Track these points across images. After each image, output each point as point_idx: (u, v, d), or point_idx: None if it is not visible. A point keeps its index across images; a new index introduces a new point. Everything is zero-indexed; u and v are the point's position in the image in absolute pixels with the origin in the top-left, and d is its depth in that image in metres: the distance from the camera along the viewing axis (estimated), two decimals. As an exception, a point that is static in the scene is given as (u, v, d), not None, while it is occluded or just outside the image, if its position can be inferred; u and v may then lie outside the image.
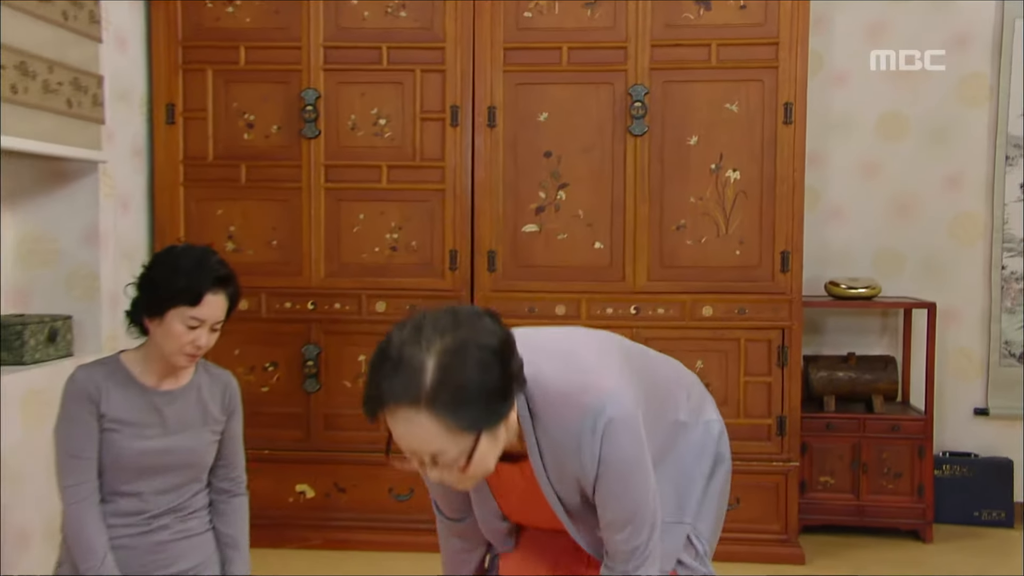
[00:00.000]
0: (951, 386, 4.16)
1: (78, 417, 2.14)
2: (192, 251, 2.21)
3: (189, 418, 2.28)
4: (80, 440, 2.13)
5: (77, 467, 2.13)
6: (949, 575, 3.49)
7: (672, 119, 3.54)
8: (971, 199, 4.12)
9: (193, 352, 2.19)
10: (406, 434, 1.42)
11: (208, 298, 2.15)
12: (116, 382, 2.19)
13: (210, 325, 2.19)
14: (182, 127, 3.68)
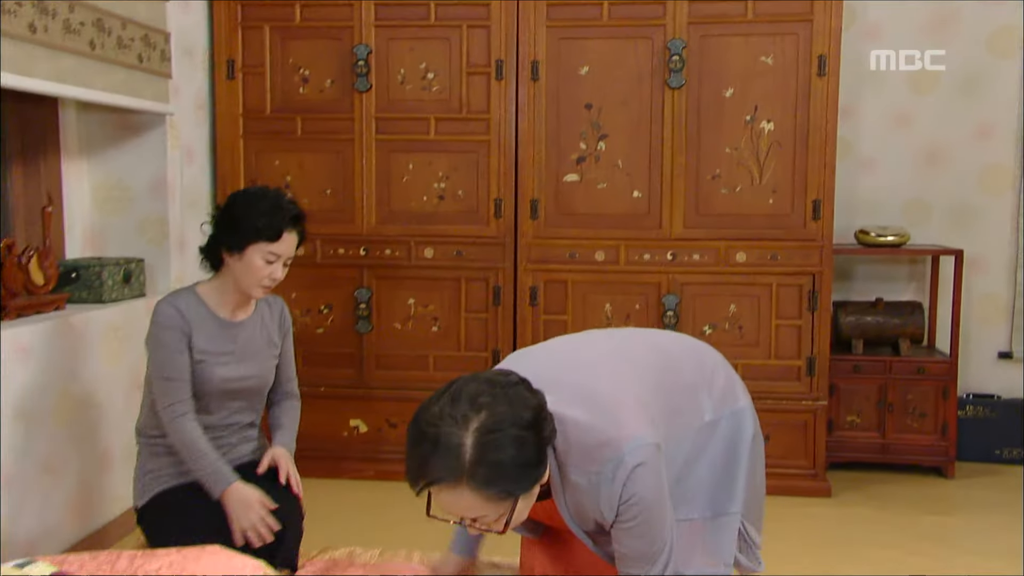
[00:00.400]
0: (976, 330, 4.24)
1: (173, 345, 2.32)
2: (268, 192, 2.39)
3: (257, 345, 2.49)
4: (177, 365, 2.32)
5: (175, 388, 2.32)
6: (969, 508, 3.61)
7: (709, 72, 3.63)
8: (1000, 150, 4.17)
9: (269, 284, 2.38)
10: (448, 504, 1.50)
11: (285, 235, 2.34)
12: (199, 315, 2.38)
13: (284, 260, 2.38)
14: (241, 82, 3.83)
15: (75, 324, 2.94)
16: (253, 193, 2.41)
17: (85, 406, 2.99)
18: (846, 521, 3.46)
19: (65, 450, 2.89)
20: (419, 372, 3.87)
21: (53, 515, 2.83)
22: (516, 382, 1.53)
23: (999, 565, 3.05)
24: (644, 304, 3.75)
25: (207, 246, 2.44)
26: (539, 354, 1.88)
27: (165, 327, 2.33)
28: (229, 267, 2.39)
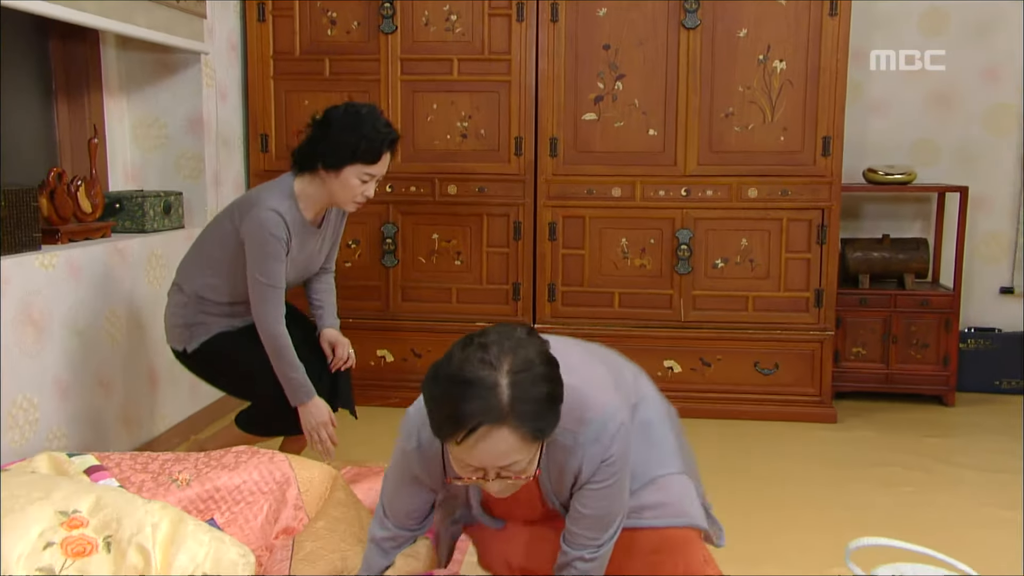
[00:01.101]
0: (979, 266, 4.31)
1: (279, 256, 2.48)
2: (367, 115, 2.49)
3: (322, 246, 2.71)
4: (280, 276, 2.50)
5: (276, 296, 2.50)
6: (968, 432, 3.71)
7: (723, 12, 3.67)
8: (1007, 91, 4.20)
9: (362, 201, 2.54)
10: (486, 449, 1.45)
11: (384, 157, 2.46)
12: (295, 223, 2.53)
13: (377, 179, 2.53)
14: (272, 24, 3.89)
15: (121, 249, 3.05)
16: (353, 114, 2.49)
17: (132, 326, 3.11)
18: (850, 443, 3.57)
19: (116, 366, 3.01)
20: (442, 304, 3.97)
21: (106, 427, 2.96)
22: (528, 331, 1.55)
23: (997, 479, 3.15)
24: (659, 239, 3.83)
25: (305, 151, 2.53)
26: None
27: (275, 237, 2.47)
28: (324, 180, 2.52)
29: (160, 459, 2.41)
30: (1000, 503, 2.92)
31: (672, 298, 3.85)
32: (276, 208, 2.46)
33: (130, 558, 1.80)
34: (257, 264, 2.47)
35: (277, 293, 2.50)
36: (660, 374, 3.86)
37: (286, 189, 2.53)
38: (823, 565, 2.37)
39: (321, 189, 2.53)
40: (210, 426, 3.63)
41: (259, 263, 2.47)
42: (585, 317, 3.90)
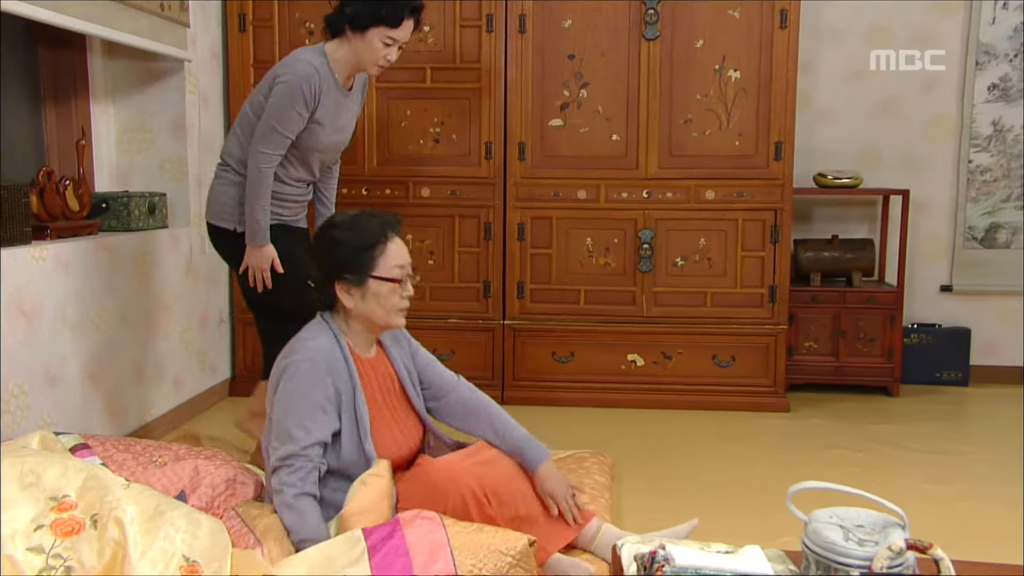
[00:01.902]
0: (920, 265, 4.46)
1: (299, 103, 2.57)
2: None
3: (352, 115, 2.80)
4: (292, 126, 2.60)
5: (279, 143, 2.60)
6: (911, 419, 3.84)
7: (681, 25, 3.79)
8: (944, 101, 4.36)
9: (384, 64, 2.63)
10: (400, 250, 2.14)
11: (405, 22, 2.57)
12: (326, 79, 2.63)
13: (399, 44, 2.61)
14: (252, 34, 3.95)
15: (108, 245, 3.09)
16: None
17: (118, 320, 3.14)
18: (801, 431, 3.68)
19: (102, 359, 3.04)
20: (416, 302, 3.91)
21: (92, 417, 2.99)
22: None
23: (936, 459, 3.28)
24: (622, 238, 3.93)
25: (334, 16, 2.64)
26: None
27: (304, 86, 2.56)
28: (351, 42, 2.62)
29: (143, 443, 2.46)
30: (937, 480, 3.05)
31: (635, 295, 3.95)
32: (310, 60, 2.59)
33: (110, 531, 1.85)
34: (275, 108, 2.57)
35: (282, 142, 2.60)
36: (624, 367, 3.96)
37: (319, 49, 2.66)
38: (773, 536, 2.47)
39: (349, 52, 2.64)
40: (195, 418, 3.67)
41: (278, 108, 2.57)
42: (552, 313, 3.99)
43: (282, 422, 2.04)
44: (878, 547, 1.37)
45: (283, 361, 2.11)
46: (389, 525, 1.87)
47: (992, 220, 4.35)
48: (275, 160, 2.61)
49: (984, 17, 4.22)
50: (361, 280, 2.12)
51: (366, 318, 2.16)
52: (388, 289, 2.13)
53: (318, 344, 2.10)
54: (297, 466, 2.00)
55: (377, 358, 2.26)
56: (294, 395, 2.05)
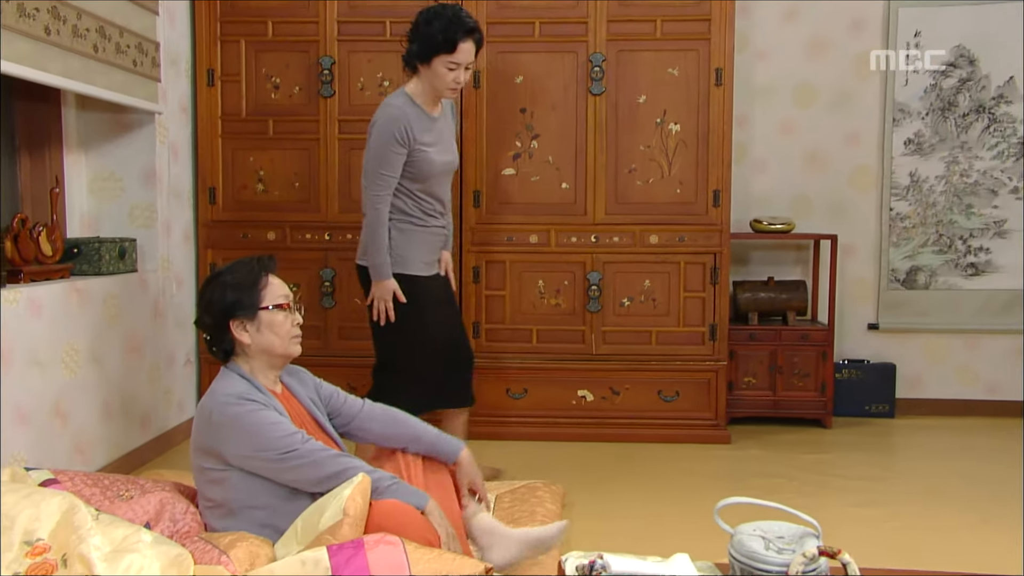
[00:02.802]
0: (849, 305, 4.66)
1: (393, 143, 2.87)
2: (445, 10, 2.83)
3: (451, 132, 3.07)
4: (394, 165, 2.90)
5: (386, 183, 2.88)
6: (842, 449, 3.99)
7: (625, 81, 3.98)
8: (866, 154, 4.59)
9: (455, 87, 2.86)
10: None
11: (460, 46, 2.78)
12: (415, 114, 2.91)
13: (464, 66, 2.83)
14: (220, 89, 4.05)
15: (79, 289, 3.14)
16: (433, 12, 2.85)
17: (88, 361, 3.18)
18: (741, 461, 3.81)
19: (71, 398, 3.08)
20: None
21: (60, 455, 3.01)
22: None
23: (864, 485, 3.43)
24: (572, 280, 4.07)
25: (406, 55, 2.92)
26: None
27: (393, 126, 2.84)
28: (423, 73, 2.88)
29: (111, 478, 2.50)
30: (864, 504, 3.20)
31: (584, 333, 4.08)
32: (394, 103, 2.88)
33: (76, 568, 1.88)
34: (374, 152, 2.87)
35: (389, 181, 2.87)
36: (574, 402, 4.07)
37: (401, 91, 2.94)
38: (708, 550, 2.57)
39: (424, 83, 2.90)
40: (162, 455, 3.69)
41: (377, 152, 2.87)
42: (507, 352, 4.10)
43: (264, 440, 2.10)
44: (795, 554, 1.49)
45: (212, 413, 2.15)
46: (352, 547, 1.94)
47: (912, 263, 4.57)
48: (385, 199, 2.90)
49: (899, 80, 4.48)
50: (253, 314, 2.21)
51: (265, 351, 2.23)
52: (281, 317, 2.24)
53: (233, 389, 2.16)
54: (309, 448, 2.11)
55: (284, 394, 2.34)
56: (251, 421, 2.11)
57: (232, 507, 2.18)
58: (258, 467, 2.13)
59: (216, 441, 2.14)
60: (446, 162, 3.05)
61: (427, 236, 3.07)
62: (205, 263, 4.09)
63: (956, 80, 4.46)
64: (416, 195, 3.01)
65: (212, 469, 2.17)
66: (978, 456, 3.89)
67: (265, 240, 4.08)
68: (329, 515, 2.03)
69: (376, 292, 3.01)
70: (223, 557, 2.00)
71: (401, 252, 3.02)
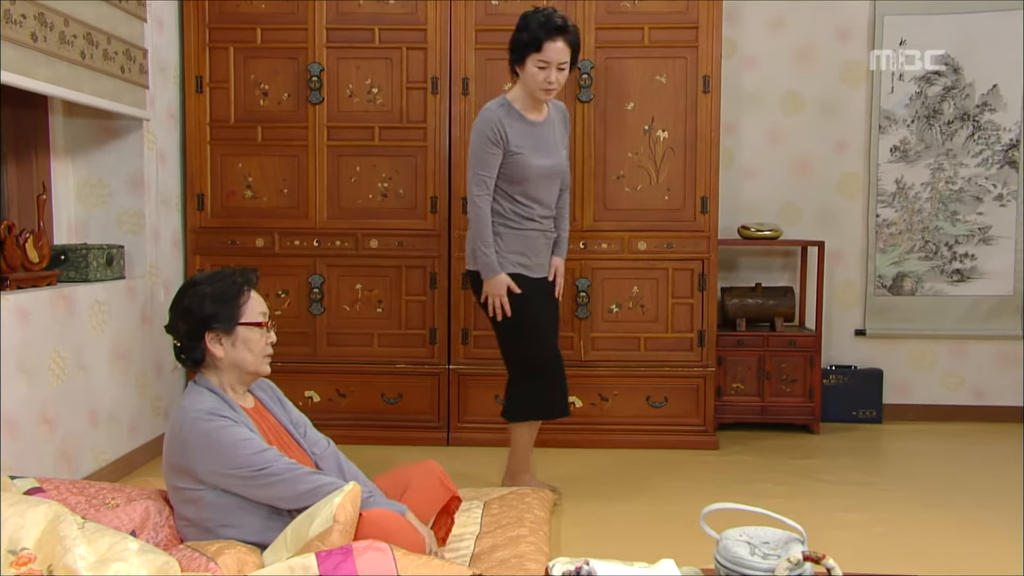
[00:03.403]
0: (837, 311, 4.68)
1: (489, 148, 2.94)
2: (537, 11, 2.89)
3: (555, 139, 3.06)
4: (489, 164, 2.96)
5: (485, 182, 2.97)
6: (829, 454, 4.01)
7: (613, 88, 3.99)
8: (853, 161, 4.63)
9: (546, 87, 2.88)
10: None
11: (546, 44, 2.81)
12: (510, 116, 2.96)
13: (555, 65, 2.85)
14: (209, 95, 4.05)
15: (66, 296, 3.13)
16: (526, 14, 2.93)
17: (74, 368, 3.17)
18: (729, 466, 3.82)
19: (58, 406, 3.06)
20: (365, 348, 4.11)
21: (46, 463, 3.00)
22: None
23: (850, 490, 3.45)
24: (560, 287, 4.07)
25: (510, 60, 2.97)
26: None
27: (487, 129, 2.90)
28: (520, 77, 2.94)
29: (96, 486, 2.48)
30: (851, 508, 3.21)
31: (573, 340, 4.08)
32: (490, 107, 3.00)
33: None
34: (473, 154, 2.95)
35: (487, 181, 2.97)
36: (563, 408, 4.07)
37: (501, 97, 3.00)
38: (695, 556, 2.58)
39: (522, 86, 2.93)
40: (149, 462, 3.68)
41: (475, 154, 2.95)
42: (495, 359, 4.04)
43: (235, 458, 2.09)
44: (780, 560, 1.50)
45: (182, 430, 2.12)
46: (341, 553, 1.93)
47: (898, 269, 4.60)
48: (485, 198, 2.96)
49: (884, 87, 4.52)
50: (230, 328, 2.19)
51: (236, 366, 2.22)
52: (257, 334, 2.22)
53: (203, 405, 2.14)
54: (282, 466, 2.09)
55: (256, 408, 2.32)
56: (221, 438, 2.08)
57: (208, 526, 2.16)
58: (231, 484, 2.11)
59: (187, 459, 2.11)
60: (544, 166, 3.05)
61: (520, 237, 3.09)
62: (193, 269, 4.08)
63: (941, 88, 4.49)
64: (513, 197, 3.05)
65: (186, 488, 2.15)
66: (965, 461, 3.91)
67: (254, 247, 4.08)
68: (319, 522, 2.02)
69: (488, 289, 3.06)
70: (211, 564, 2.00)
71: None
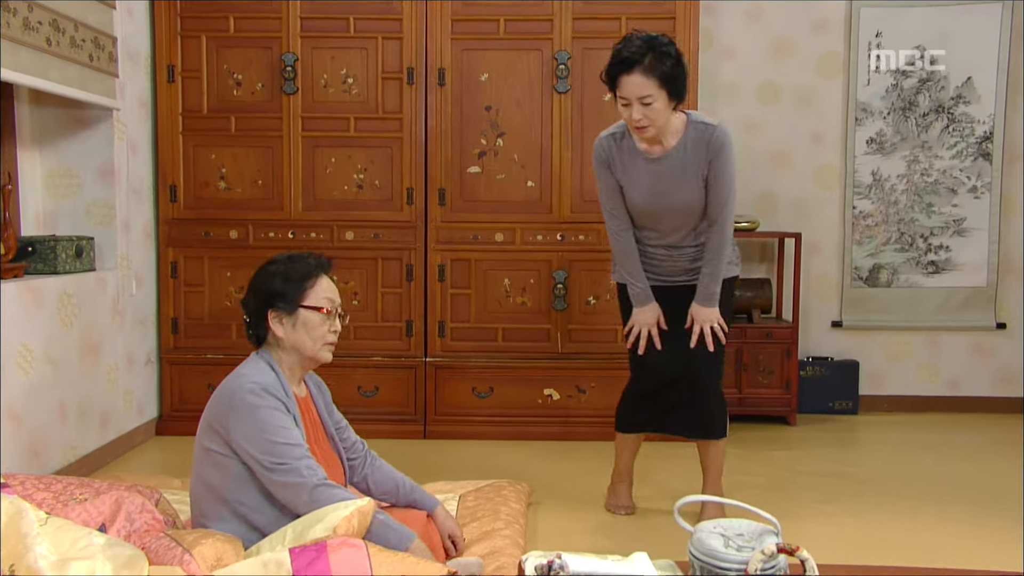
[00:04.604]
0: (813, 303, 4.69)
1: (601, 174, 2.84)
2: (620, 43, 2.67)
3: (675, 176, 2.74)
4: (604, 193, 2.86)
5: (608, 215, 2.86)
6: (806, 445, 4.02)
7: (590, 79, 3.95)
8: (829, 153, 4.63)
9: (636, 126, 2.65)
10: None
11: (622, 80, 2.61)
12: (620, 146, 2.80)
13: (638, 100, 2.60)
14: (181, 85, 3.98)
15: (34, 288, 3.06)
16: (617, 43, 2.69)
17: (42, 362, 3.10)
18: (707, 457, 3.81)
19: (25, 400, 3.00)
20: (341, 340, 3.90)
21: (13, 458, 2.93)
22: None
23: (826, 481, 3.45)
24: (537, 279, 4.05)
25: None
26: None
27: (596, 160, 2.82)
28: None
29: (64, 481, 2.43)
30: (826, 500, 3.21)
31: (550, 332, 4.06)
32: (601, 136, 2.85)
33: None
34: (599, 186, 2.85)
35: (607, 209, 2.85)
36: (540, 401, 4.05)
37: (619, 123, 2.84)
38: (670, 548, 2.56)
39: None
40: (121, 457, 3.62)
41: (598, 183, 2.85)
42: (472, 351, 4.07)
43: (266, 443, 2.06)
44: (754, 552, 1.48)
45: (234, 395, 2.10)
46: (315, 549, 1.90)
47: (875, 261, 4.61)
48: (613, 228, 2.86)
49: (860, 79, 4.52)
50: (292, 309, 2.17)
51: (296, 349, 2.20)
52: (318, 319, 2.19)
53: (262, 378, 2.13)
54: (304, 469, 2.06)
55: (306, 398, 2.30)
56: (264, 418, 2.06)
57: (225, 496, 2.13)
58: (252, 465, 2.09)
59: (226, 423, 2.09)
60: (655, 205, 2.77)
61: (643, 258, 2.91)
62: (166, 261, 4.01)
63: (916, 80, 4.50)
64: (633, 222, 2.88)
65: (216, 451, 2.12)
66: (939, 452, 3.93)
67: (228, 239, 4.02)
68: (320, 528, 1.98)
69: (636, 318, 2.91)
70: (186, 556, 1.95)
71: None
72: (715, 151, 2.69)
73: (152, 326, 4.01)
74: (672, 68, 2.57)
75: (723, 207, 2.75)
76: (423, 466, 3.49)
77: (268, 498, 2.12)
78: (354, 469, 2.40)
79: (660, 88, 2.57)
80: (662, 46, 2.58)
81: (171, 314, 4.04)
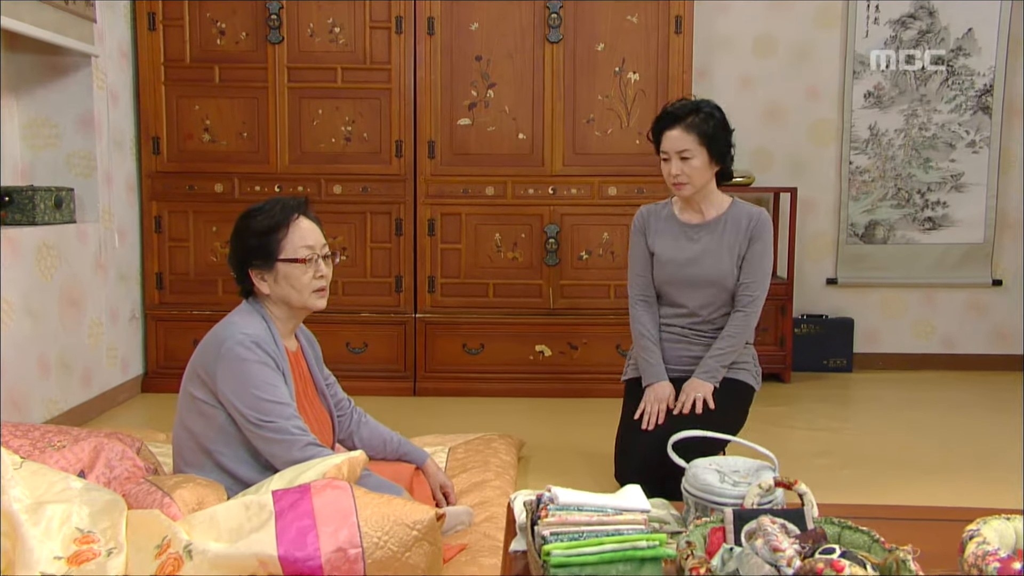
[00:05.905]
0: (809, 260, 4.64)
1: (635, 248, 2.74)
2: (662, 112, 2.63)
3: (707, 249, 2.62)
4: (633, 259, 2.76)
5: (631, 281, 2.76)
6: (800, 402, 3.98)
7: (583, 29, 3.87)
8: (826, 107, 4.56)
9: (674, 183, 2.58)
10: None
11: (665, 135, 2.58)
12: (663, 215, 2.73)
13: (676, 154, 2.55)
14: (162, 33, 3.87)
15: (11, 238, 2.98)
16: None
17: (22, 314, 3.03)
18: (700, 413, 3.77)
19: (5, 352, 2.93)
20: (330, 296, 3.98)
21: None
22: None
23: (818, 435, 3.42)
24: (529, 233, 3.98)
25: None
26: None
27: (635, 223, 2.75)
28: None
29: (42, 428, 2.37)
30: (818, 453, 3.19)
31: (542, 288, 4.00)
32: (643, 206, 2.79)
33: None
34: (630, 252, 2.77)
35: (634, 278, 2.74)
36: (532, 357, 4.00)
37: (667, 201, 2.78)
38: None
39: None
40: (105, 413, 3.56)
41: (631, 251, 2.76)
42: (463, 307, 4.01)
43: (252, 398, 2.00)
44: (751, 487, 1.43)
45: (223, 344, 2.04)
46: (299, 491, 1.85)
47: (871, 217, 4.55)
48: (635, 298, 2.74)
49: (859, 31, 4.43)
50: (269, 265, 2.09)
51: (284, 301, 2.13)
52: (299, 270, 2.10)
53: (253, 330, 2.06)
54: (290, 426, 2.01)
55: (296, 352, 2.23)
56: (252, 372, 2.01)
57: (208, 447, 2.08)
58: (237, 419, 2.04)
59: (213, 373, 2.03)
60: (682, 275, 2.64)
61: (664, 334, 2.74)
62: (150, 215, 3.93)
63: (916, 32, 4.42)
64: (661, 297, 2.74)
65: (202, 400, 2.07)
66: (933, 408, 3.90)
67: (212, 192, 3.94)
68: (311, 474, 1.93)
69: (648, 397, 2.65)
70: (166, 499, 1.90)
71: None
72: (758, 231, 2.61)
73: (136, 281, 3.94)
74: (714, 129, 2.55)
75: (754, 295, 2.62)
76: (413, 424, 3.44)
77: (251, 453, 2.08)
78: (340, 426, 2.35)
79: (700, 145, 2.53)
80: (707, 108, 2.57)
81: (156, 269, 3.96)
